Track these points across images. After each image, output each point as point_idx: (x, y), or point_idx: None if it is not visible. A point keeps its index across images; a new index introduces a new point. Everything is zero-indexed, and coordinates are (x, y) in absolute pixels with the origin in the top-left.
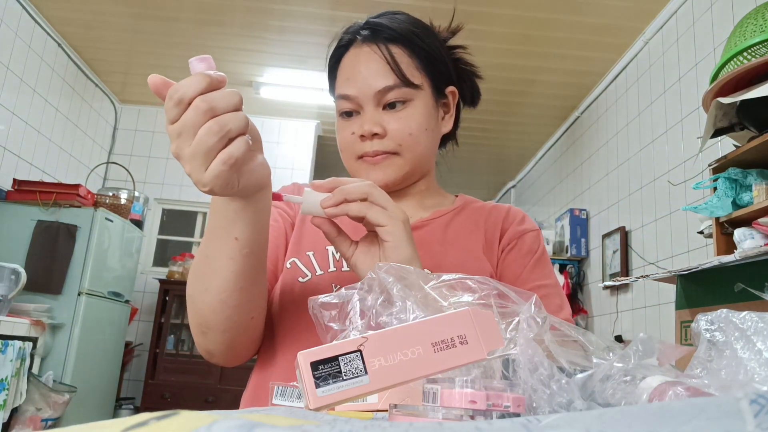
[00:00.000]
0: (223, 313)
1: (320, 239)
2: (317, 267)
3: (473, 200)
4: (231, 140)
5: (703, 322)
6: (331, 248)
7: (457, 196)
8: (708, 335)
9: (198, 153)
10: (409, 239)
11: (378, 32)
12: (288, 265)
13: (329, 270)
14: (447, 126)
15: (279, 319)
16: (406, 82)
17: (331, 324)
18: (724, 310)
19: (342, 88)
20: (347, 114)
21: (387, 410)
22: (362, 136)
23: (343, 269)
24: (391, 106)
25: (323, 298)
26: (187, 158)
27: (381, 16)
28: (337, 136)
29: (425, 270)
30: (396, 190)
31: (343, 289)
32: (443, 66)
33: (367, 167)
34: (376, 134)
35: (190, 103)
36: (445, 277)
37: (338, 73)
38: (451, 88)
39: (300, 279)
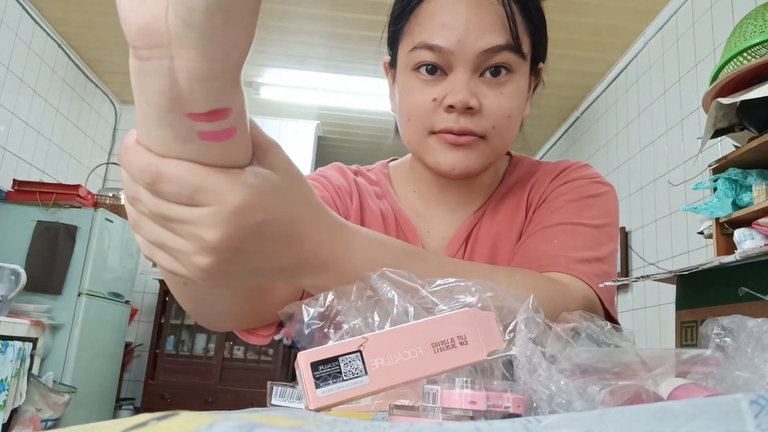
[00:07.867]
0: (218, 323)
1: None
2: None
3: (520, 173)
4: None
5: (712, 326)
6: None
7: (509, 162)
8: (718, 340)
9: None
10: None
11: None
12: None
13: None
14: (527, 110)
15: None
16: (517, 46)
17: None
18: (738, 316)
19: (431, 35)
20: (429, 70)
21: (387, 410)
22: (450, 107)
23: None
24: (493, 72)
25: (321, 298)
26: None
27: None
28: (402, 98)
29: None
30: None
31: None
32: (544, 35)
33: (445, 147)
34: (469, 108)
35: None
36: (440, 281)
37: (422, 14)
38: (542, 65)
39: None
